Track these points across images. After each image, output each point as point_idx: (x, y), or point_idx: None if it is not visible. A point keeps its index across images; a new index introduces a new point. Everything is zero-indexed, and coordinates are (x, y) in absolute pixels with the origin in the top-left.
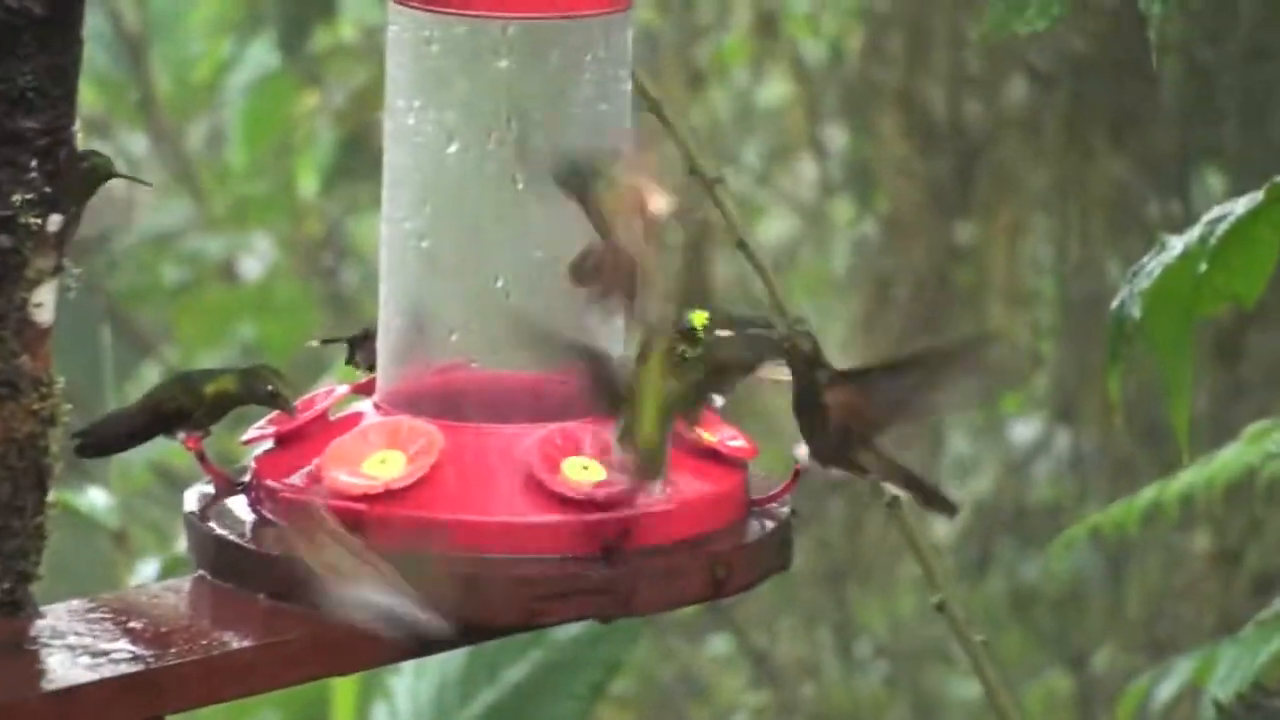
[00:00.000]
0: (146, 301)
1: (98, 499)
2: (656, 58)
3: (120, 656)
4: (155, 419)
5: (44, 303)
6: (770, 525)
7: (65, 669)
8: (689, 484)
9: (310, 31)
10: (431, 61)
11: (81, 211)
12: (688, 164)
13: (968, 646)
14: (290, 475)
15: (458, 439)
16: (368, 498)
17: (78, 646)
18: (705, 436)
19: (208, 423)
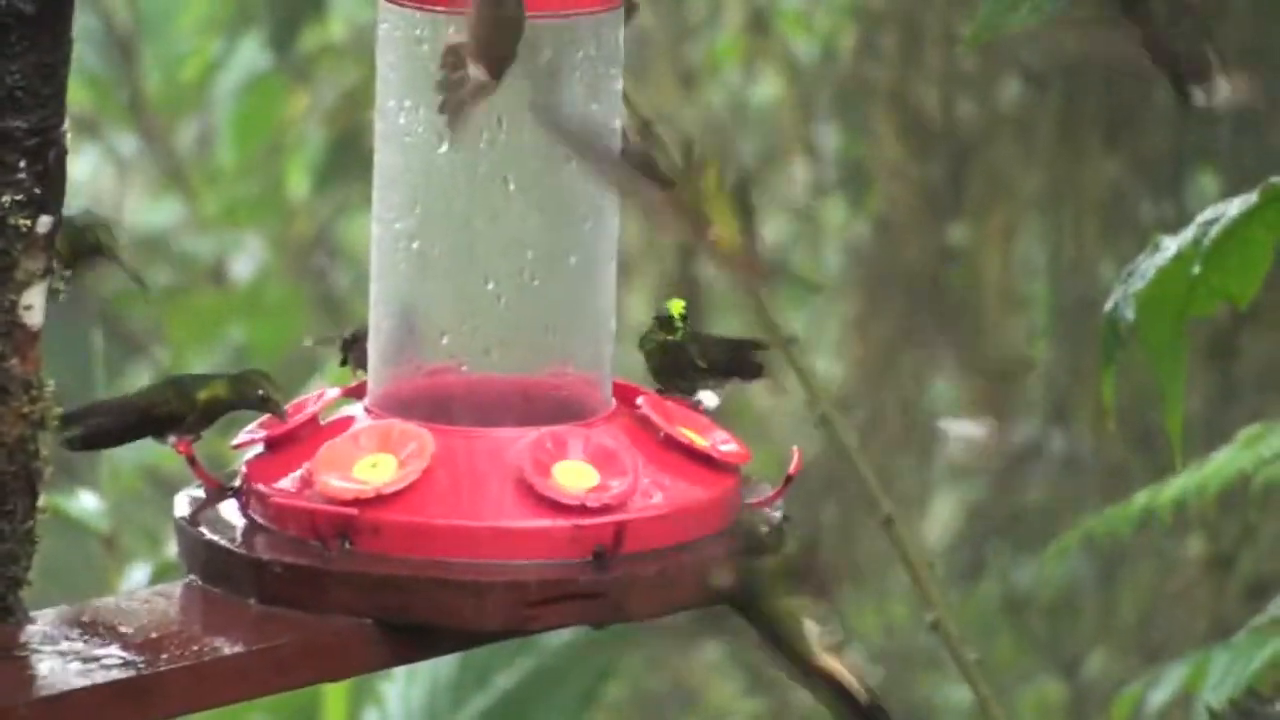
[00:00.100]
0: (137, 303)
1: (88, 503)
2: (648, 57)
3: (111, 662)
4: (145, 421)
5: (33, 305)
6: (763, 530)
7: (56, 675)
8: (681, 488)
9: (300, 30)
10: (423, 61)
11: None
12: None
13: (962, 665)
14: (281, 479)
15: (449, 443)
16: (359, 502)
17: (69, 652)
18: (697, 440)
19: (199, 428)
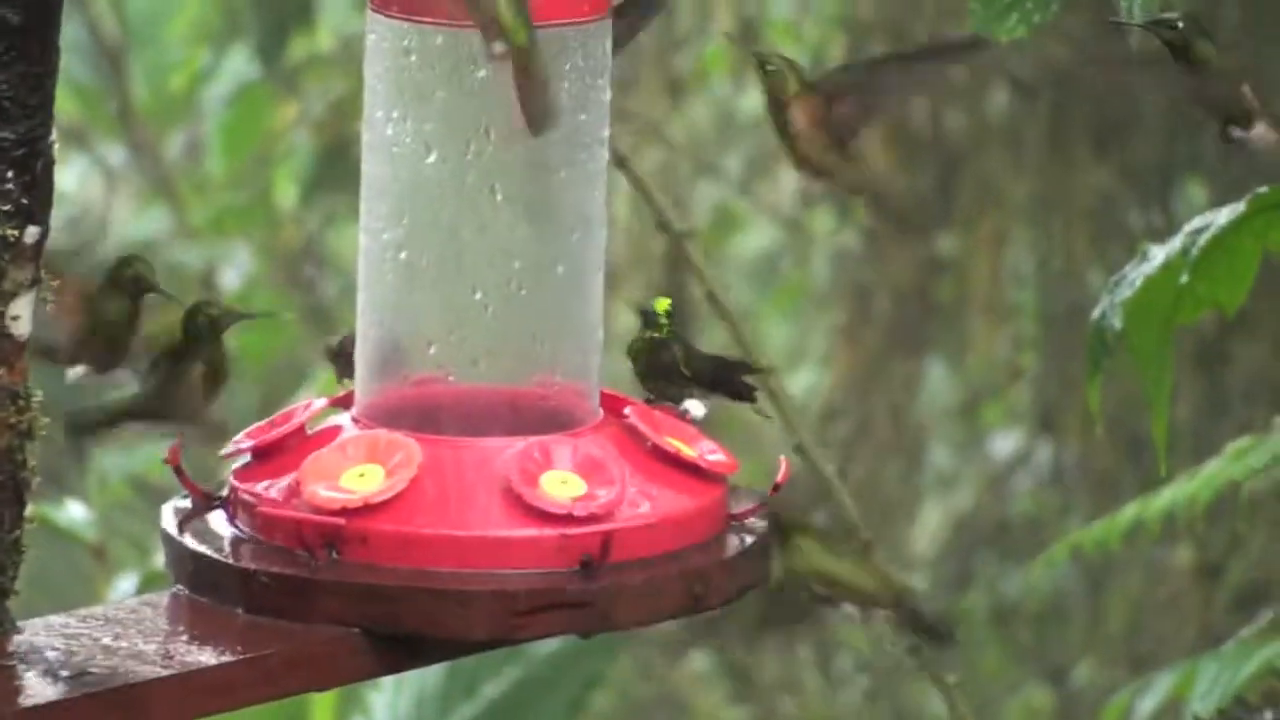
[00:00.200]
0: None
1: (76, 513)
2: (636, 66)
3: (99, 672)
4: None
5: (21, 315)
6: (749, 540)
7: (43, 685)
8: (668, 498)
9: (288, 41)
10: (410, 72)
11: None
12: (655, 218)
13: (942, 688)
14: (268, 489)
15: (436, 452)
16: (346, 511)
17: (55, 662)
18: (685, 450)
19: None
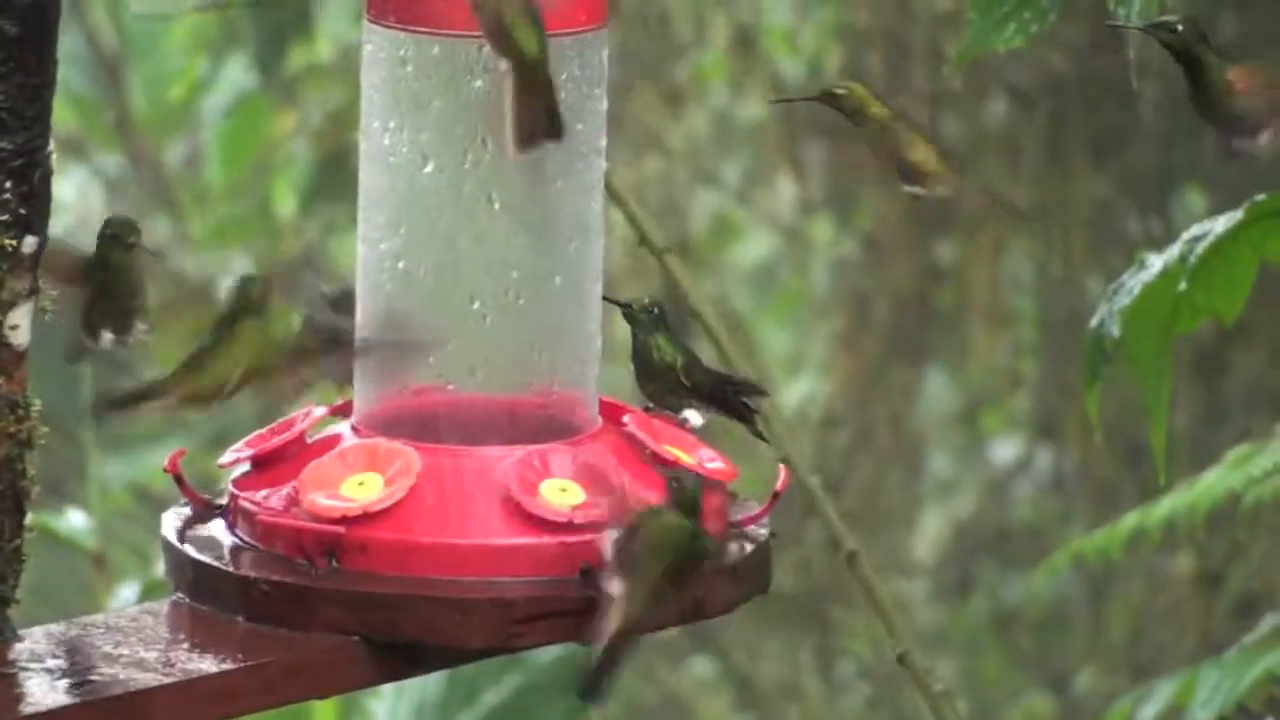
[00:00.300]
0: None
1: (77, 521)
2: (634, 76)
3: (99, 680)
4: None
5: (20, 325)
6: (749, 547)
7: (44, 693)
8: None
9: (286, 50)
10: (406, 82)
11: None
12: (638, 235)
13: (929, 698)
14: (268, 498)
15: (435, 461)
16: (346, 520)
17: (56, 670)
18: (684, 458)
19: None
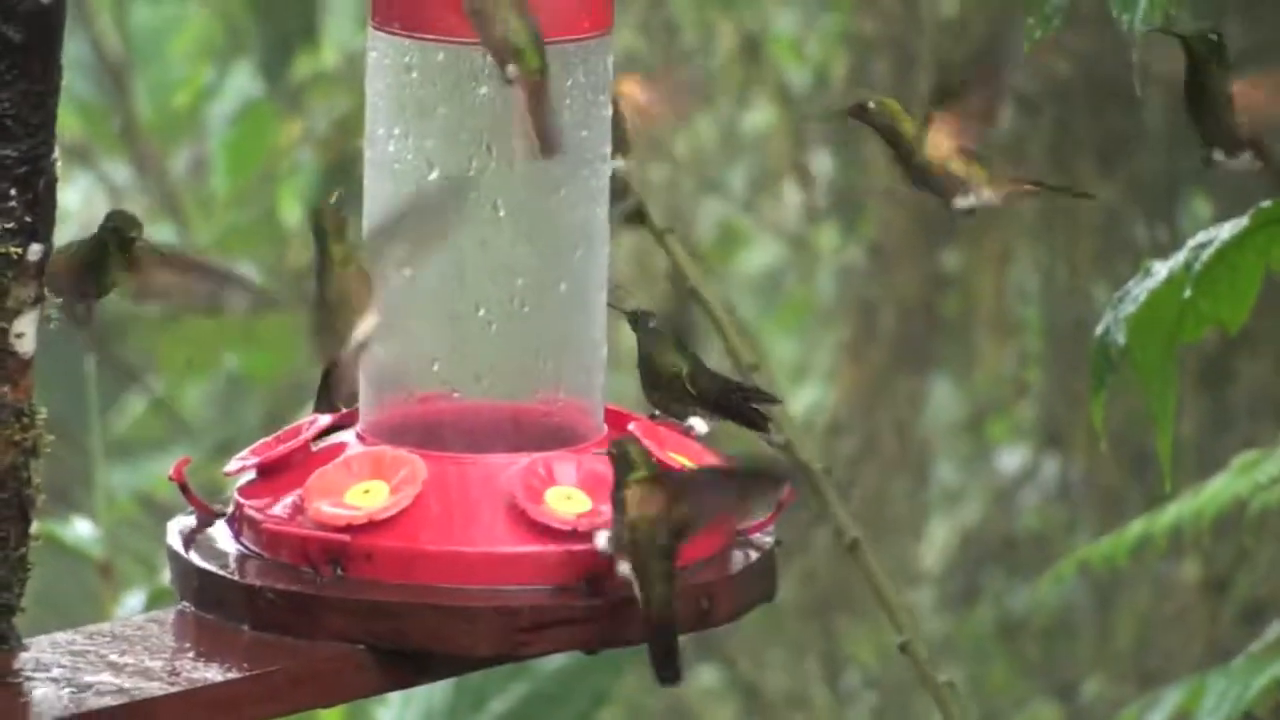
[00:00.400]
0: (131, 331)
1: (83, 530)
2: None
3: (105, 689)
4: None
5: (25, 333)
6: (755, 555)
7: (49, 702)
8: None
9: (292, 58)
10: (411, 88)
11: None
12: (639, 216)
13: (933, 688)
14: (273, 506)
15: (440, 469)
16: (351, 528)
17: (61, 679)
18: (689, 465)
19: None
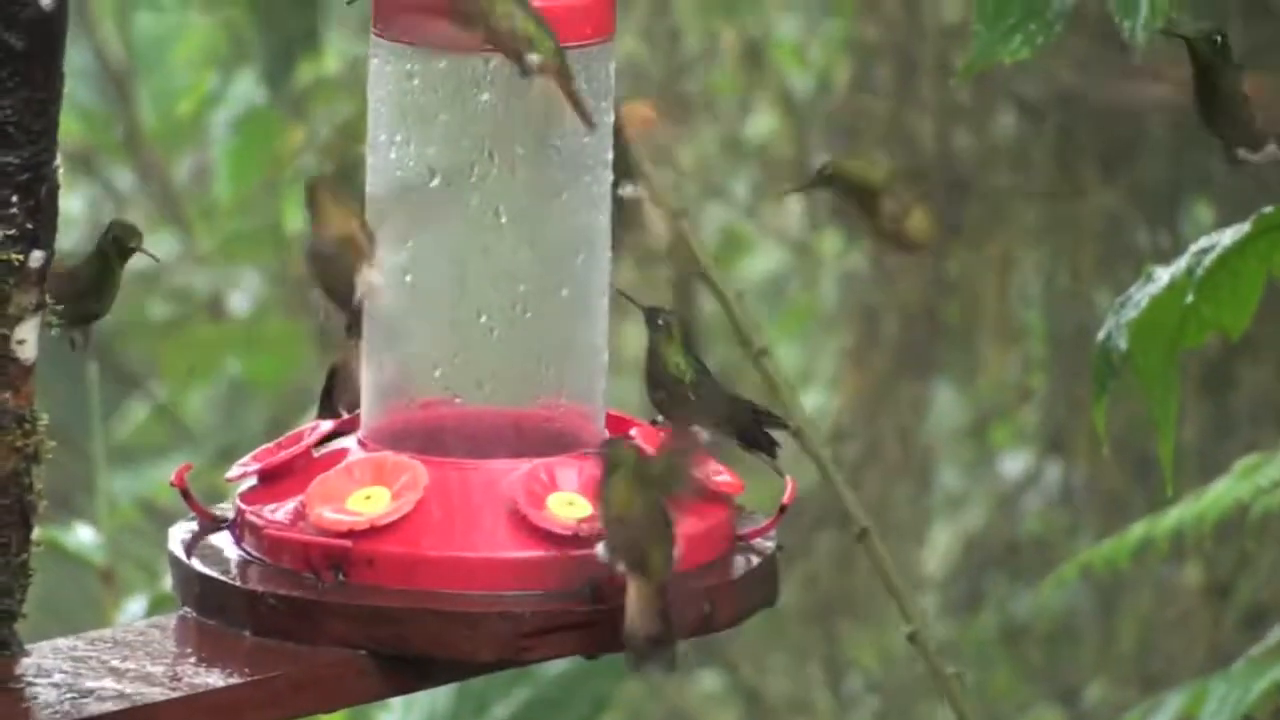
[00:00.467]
0: (133, 337)
1: (85, 536)
2: (642, 90)
3: (106, 694)
4: None
5: (26, 339)
6: (756, 560)
7: (51, 707)
8: (675, 519)
9: (295, 65)
10: (413, 95)
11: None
12: (653, 196)
13: (940, 679)
14: (275, 512)
15: (442, 474)
16: (353, 534)
17: (63, 685)
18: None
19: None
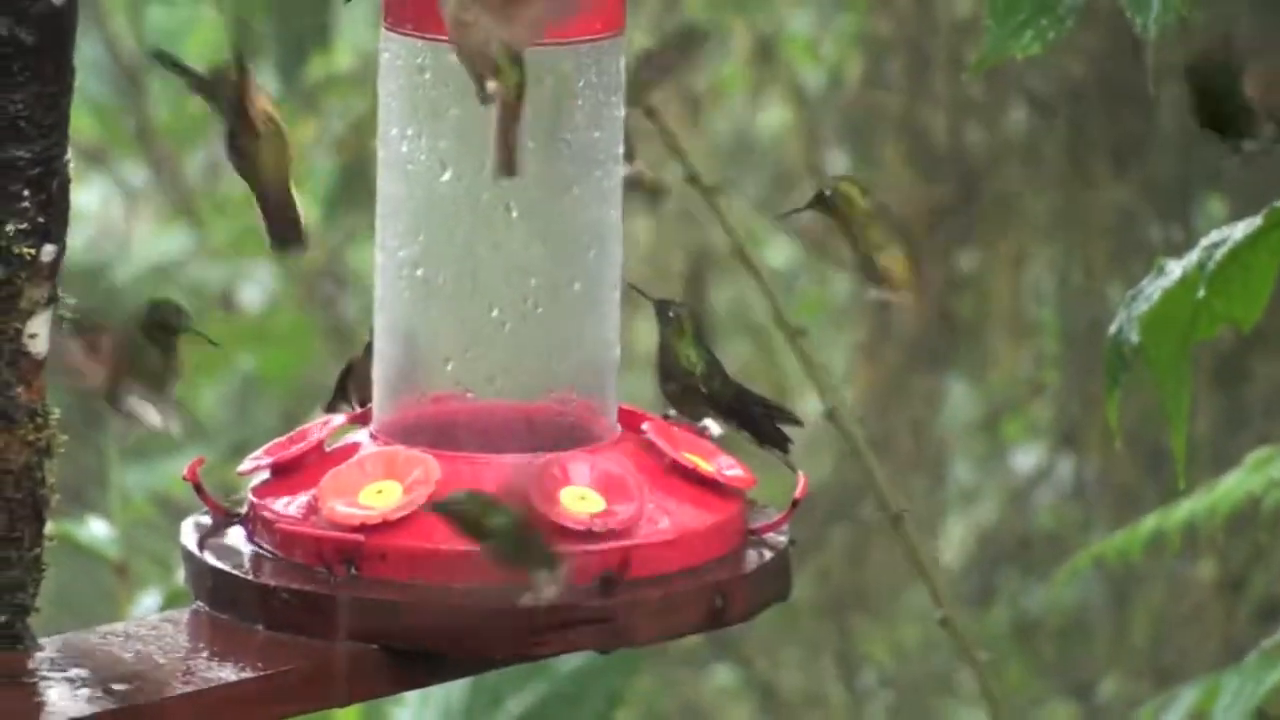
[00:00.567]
0: None
1: (99, 530)
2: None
3: (119, 688)
4: None
5: (38, 333)
6: (769, 554)
7: (65, 701)
8: (687, 513)
9: (307, 59)
10: (424, 89)
11: None
12: (686, 173)
13: (973, 664)
14: (287, 506)
15: (454, 469)
16: (365, 528)
17: (76, 679)
18: (703, 465)
19: None
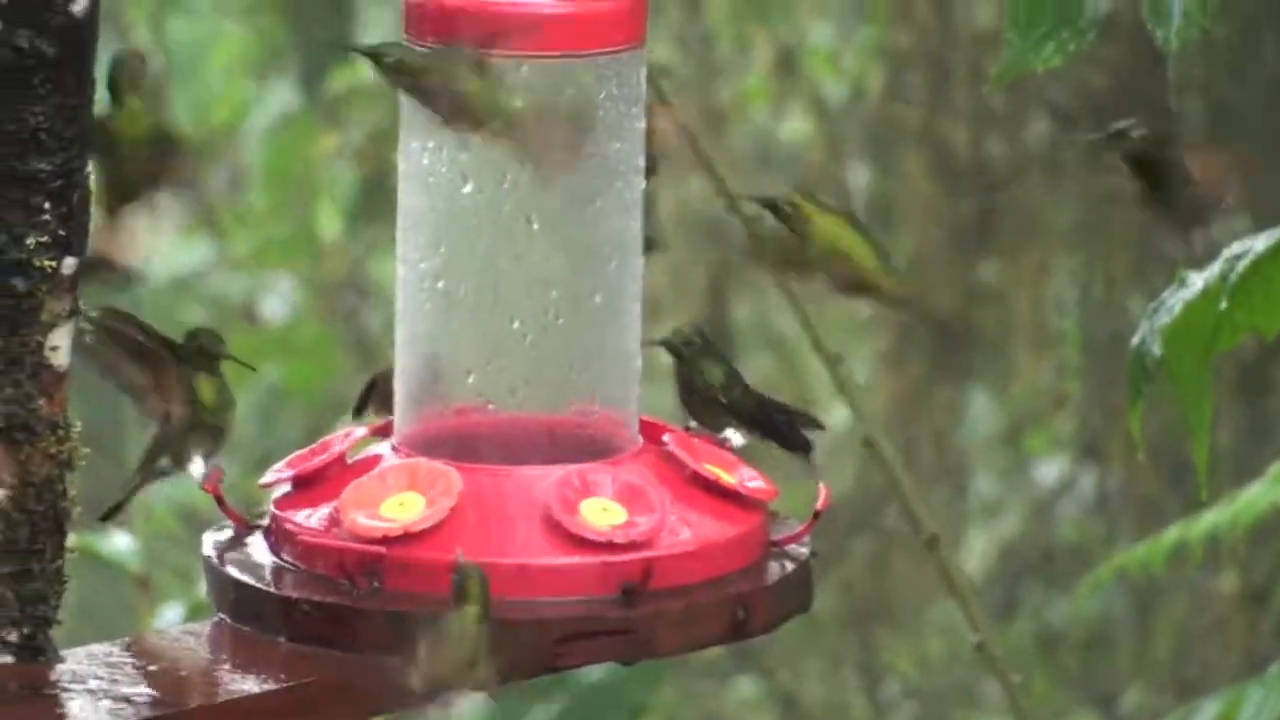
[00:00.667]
0: None
1: (121, 543)
2: (676, 97)
3: (141, 701)
4: None
5: (60, 346)
6: (790, 566)
7: (85, 713)
8: (709, 525)
9: (329, 71)
10: None
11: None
12: (718, 187)
13: (1007, 686)
14: (309, 518)
15: (476, 481)
16: (387, 540)
17: (98, 691)
18: (724, 477)
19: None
